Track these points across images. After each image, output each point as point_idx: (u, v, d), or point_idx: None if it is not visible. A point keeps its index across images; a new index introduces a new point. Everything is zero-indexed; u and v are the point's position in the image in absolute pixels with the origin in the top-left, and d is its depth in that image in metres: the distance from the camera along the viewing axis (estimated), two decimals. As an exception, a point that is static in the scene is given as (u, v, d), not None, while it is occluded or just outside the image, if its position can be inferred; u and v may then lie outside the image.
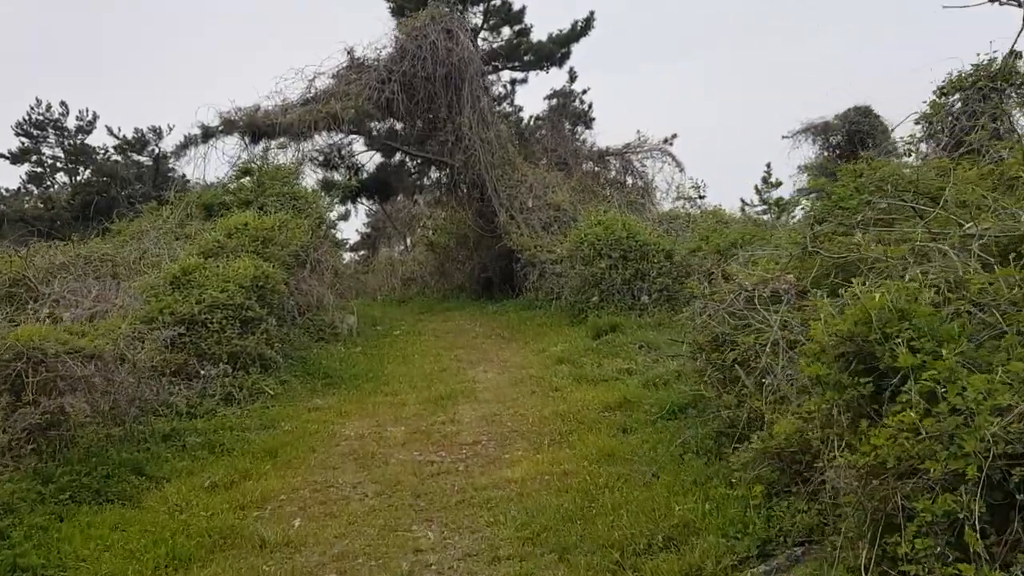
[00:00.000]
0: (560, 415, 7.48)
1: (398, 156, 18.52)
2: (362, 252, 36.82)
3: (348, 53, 16.27)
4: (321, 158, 16.89)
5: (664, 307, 12.73)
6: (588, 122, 29.49)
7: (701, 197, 18.96)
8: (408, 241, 28.18)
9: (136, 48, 63.11)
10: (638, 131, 25.42)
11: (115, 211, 17.64)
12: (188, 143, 15.45)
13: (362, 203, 19.65)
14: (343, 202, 17.70)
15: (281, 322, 10.73)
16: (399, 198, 26.91)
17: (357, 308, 19.82)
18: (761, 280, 5.28)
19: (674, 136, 26.78)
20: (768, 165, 31.72)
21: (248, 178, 14.15)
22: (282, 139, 14.53)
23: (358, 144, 17.69)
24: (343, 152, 17.33)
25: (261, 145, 14.94)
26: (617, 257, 13.07)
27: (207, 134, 15.42)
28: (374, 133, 17.10)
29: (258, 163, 14.26)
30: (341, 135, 16.66)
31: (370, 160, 18.13)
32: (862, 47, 63.68)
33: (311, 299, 12.05)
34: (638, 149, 25.21)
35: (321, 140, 16.46)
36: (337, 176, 17.22)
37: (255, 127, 15.35)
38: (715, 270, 6.46)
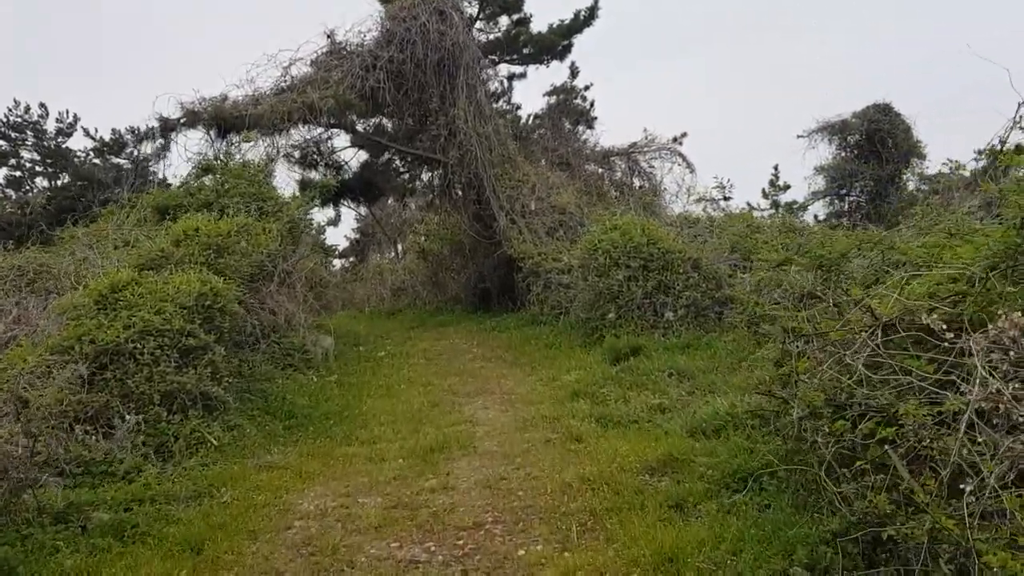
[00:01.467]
0: (588, 480, 5.63)
1: (385, 154, 16.68)
2: (351, 259, 35.06)
3: (328, 37, 14.45)
4: (298, 155, 15.06)
5: (692, 325, 10.93)
6: (590, 121, 27.85)
7: (726, 198, 17.14)
8: (399, 248, 26.36)
9: (136, 48, 61.31)
10: (645, 129, 23.75)
11: (70, 216, 15.79)
12: (145, 137, 13.59)
13: (346, 205, 17.80)
14: (324, 204, 15.84)
15: (238, 348, 8.88)
16: (388, 201, 25.11)
17: (340, 322, 18.01)
18: (907, 312, 3.44)
19: (683, 135, 25.10)
20: (776, 167, 30.04)
21: (210, 177, 12.29)
22: (253, 133, 12.68)
23: (340, 139, 15.89)
24: (322, 148, 15.47)
25: (231, 140, 13.06)
26: (636, 267, 11.26)
27: (167, 127, 13.57)
28: (358, 127, 15.27)
29: (222, 159, 12.40)
30: (320, 129, 14.83)
31: (353, 157, 16.32)
32: (861, 45, 62.26)
33: (279, 318, 10.21)
34: (645, 149, 23.55)
35: (298, 135, 14.64)
36: (316, 176, 15.36)
37: (222, 119, 13.50)
38: (824, 294, 4.60)
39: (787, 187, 30.63)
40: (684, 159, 23.22)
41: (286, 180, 30.87)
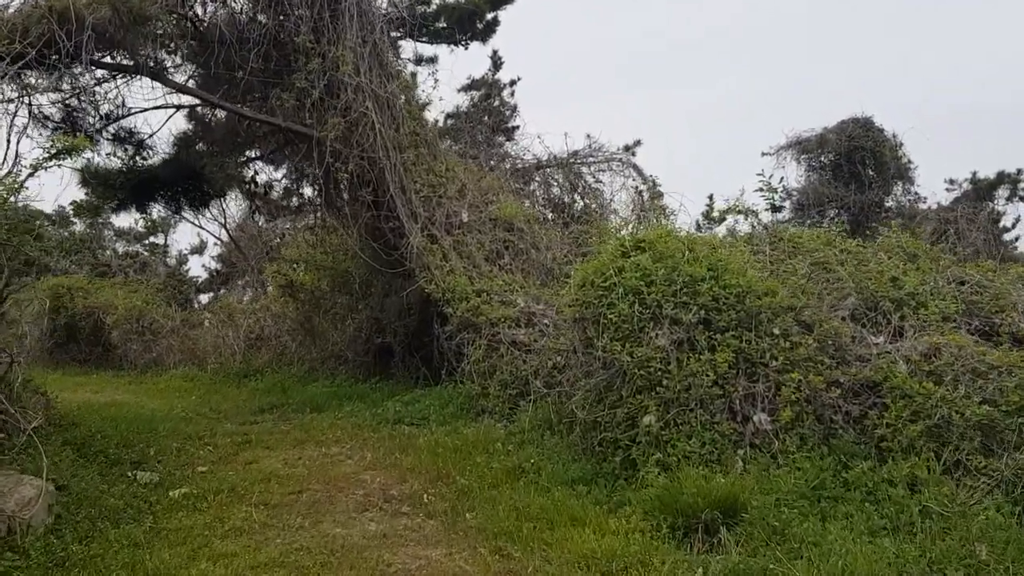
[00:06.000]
0: None
1: (219, 122, 10.51)
2: (211, 295, 28.38)
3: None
4: (58, 116, 8.75)
5: (812, 440, 5.49)
6: (509, 131, 22.80)
7: (776, 208, 11.88)
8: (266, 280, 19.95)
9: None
10: (588, 135, 18.57)
11: None
12: None
13: (159, 211, 11.28)
14: (121, 206, 9.56)
15: None
16: (254, 215, 18.82)
17: (158, 393, 11.79)
18: None
19: (637, 143, 20.31)
20: (710, 196, 25.52)
21: None
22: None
23: (137, 92, 9.59)
24: (102, 108, 9.16)
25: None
26: (692, 322, 5.75)
27: None
28: (171, 74, 9.13)
29: None
30: (102, 73, 8.63)
31: (164, 124, 9.99)
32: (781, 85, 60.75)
33: None
34: (590, 159, 18.44)
35: (65, 85, 8.35)
36: (96, 156, 9.11)
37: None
38: None
39: (723, 219, 26.27)
40: (639, 172, 18.25)
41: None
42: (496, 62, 21.58)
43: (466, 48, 18.57)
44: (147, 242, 36.91)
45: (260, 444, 7.64)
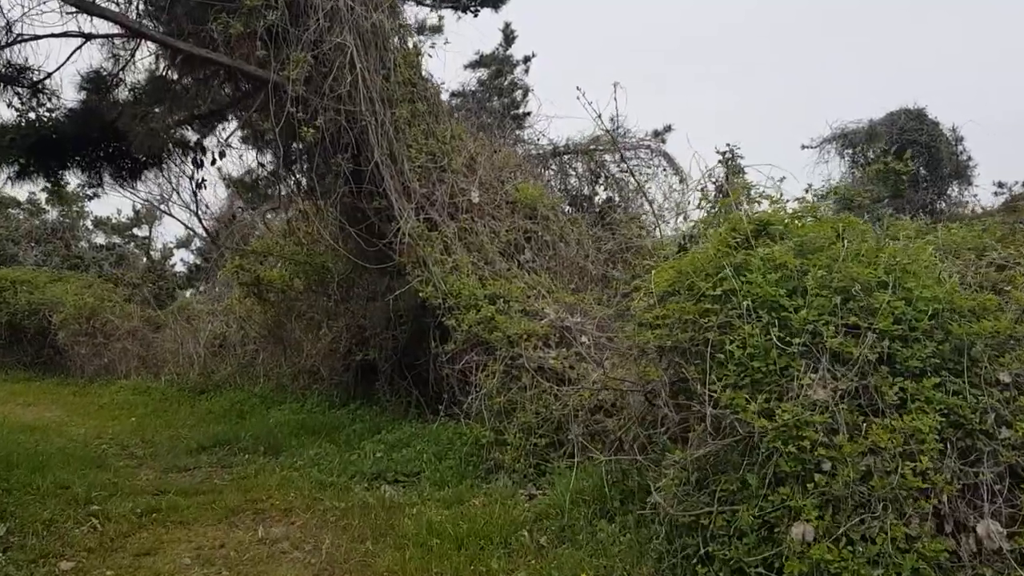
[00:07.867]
0: None
1: (144, 58, 8.05)
2: (190, 292, 26.05)
3: None
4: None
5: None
6: (520, 118, 20.49)
7: (900, 194, 9.29)
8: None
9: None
10: (612, 119, 16.25)
11: None
12: None
13: (72, 176, 8.71)
14: (23, 171, 7.18)
15: None
16: (193, 184, 16.56)
17: (113, 405, 9.80)
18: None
19: (668, 128, 17.96)
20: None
21: None
22: None
23: (36, 18, 7.14)
24: None
25: None
26: (870, 360, 3.37)
27: None
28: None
29: None
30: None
31: (70, 58, 7.50)
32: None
33: None
34: (613, 146, 16.12)
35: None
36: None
37: None
38: None
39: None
40: (670, 161, 15.88)
41: None
42: (508, 35, 19.23)
43: (475, 15, 16.21)
44: (128, 234, 34.59)
45: (173, 515, 5.24)
